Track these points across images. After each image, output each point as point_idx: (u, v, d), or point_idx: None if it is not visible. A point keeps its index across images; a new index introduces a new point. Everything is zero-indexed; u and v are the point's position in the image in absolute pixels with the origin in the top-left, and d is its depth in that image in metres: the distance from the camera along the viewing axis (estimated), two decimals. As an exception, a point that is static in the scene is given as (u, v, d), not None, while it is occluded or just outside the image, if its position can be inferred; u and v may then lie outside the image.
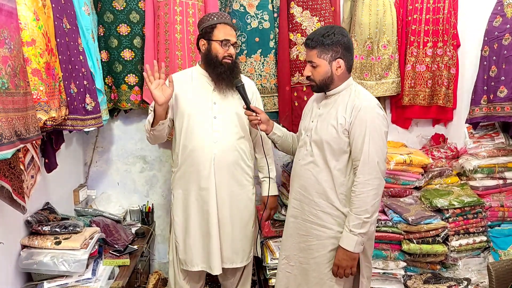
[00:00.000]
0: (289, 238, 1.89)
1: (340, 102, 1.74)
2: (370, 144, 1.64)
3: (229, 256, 2.10)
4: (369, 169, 1.64)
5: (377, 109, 1.70)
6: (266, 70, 2.74)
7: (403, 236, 2.39)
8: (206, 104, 2.04)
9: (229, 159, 2.04)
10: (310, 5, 2.73)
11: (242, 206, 2.11)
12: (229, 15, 2.07)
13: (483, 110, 2.53)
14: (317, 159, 1.76)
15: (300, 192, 1.84)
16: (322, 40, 1.70)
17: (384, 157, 1.69)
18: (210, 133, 2.02)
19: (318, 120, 1.80)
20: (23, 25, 1.52)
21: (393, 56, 2.84)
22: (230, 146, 2.04)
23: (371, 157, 1.64)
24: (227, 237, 2.08)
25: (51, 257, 1.86)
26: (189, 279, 2.18)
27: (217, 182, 2.04)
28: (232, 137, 2.05)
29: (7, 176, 1.52)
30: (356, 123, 1.66)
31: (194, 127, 2.03)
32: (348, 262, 1.69)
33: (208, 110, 2.04)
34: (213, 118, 2.03)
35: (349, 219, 1.67)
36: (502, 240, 2.48)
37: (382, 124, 1.69)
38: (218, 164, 2.03)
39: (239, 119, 2.06)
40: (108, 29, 2.60)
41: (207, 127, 2.02)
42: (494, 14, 2.49)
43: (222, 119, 2.04)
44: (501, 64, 2.41)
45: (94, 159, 2.88)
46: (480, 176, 2.65)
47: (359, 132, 1.66)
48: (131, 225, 2.70)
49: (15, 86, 1.36)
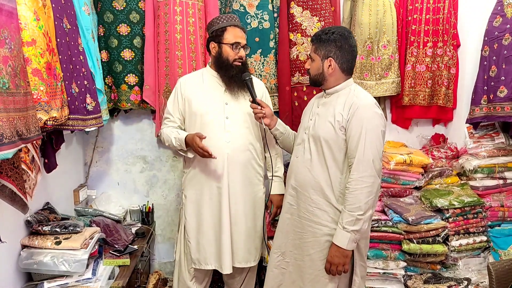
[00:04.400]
0: (285, 234, 1.90)
1: (339, 101, 1.75)
2: (366, 142, 1.65)
3: (243, 255, 2.12)
4: (363, 167, 1.64)
5: (375, 108, 1.71)
6: (266, 70, 2.74)
7: (403, 236, 2.40)
8: (218, 105, 2.07)
9: (241, 159, 2.07)
10: (310, 5, 2.73)
11: (253, 204, 2.14)
12: (238, 17, 2.07)
13: (483, 110, 2.53)
14: (314, 156, 1.77)
15: (296, 189, 1.85)
16: (321, 36, 1.74)
17: (380, 156, 1.69)
18: (222, 133, 2.05)
19: (316, 118, 1.81)
20: (23, 25, 1.52)
21: (393, 56, 2.84)
22: (242, 146, 2.07)
23: (366, 155, 1.64)
24: (240, 236, 2.10)
25: (51, 257, 1.86)
26: (196, 280, 2.19)
27: (230, 182, 2.06)
28: (244, 137, 2.08)
29: (10, 176, 1.53)
30: (353, 120, 1.67)
31: (207, 127, 2.05)
32: (340, 259, 1.69)
33: (220, 111, 2.06)
34: (225, 118, 2.05)
35: (343, 216, 1.68)
36: (502, 240, 2.48)
37: (380, 123, 1.69)
38: (231, 164, 2.05)
39: (251, 120, 2.08)
40: (108, 29, 2.60)
41: (220, 127, 2.05)
42: (494, 14, 2.49)
43: (234, 119, 2.06)
44: (501, 64, 2.41)
45: (94, 159, 2.88)
46: (480, 176, 2.65)
47: (355, 130, 1.66)
48: (131, 225, 2.70)
49: (15, 86, 1.36)
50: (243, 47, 2.04)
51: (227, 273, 2.09)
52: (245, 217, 2.11)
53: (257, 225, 2.16)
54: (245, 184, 2.10)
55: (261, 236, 2.20)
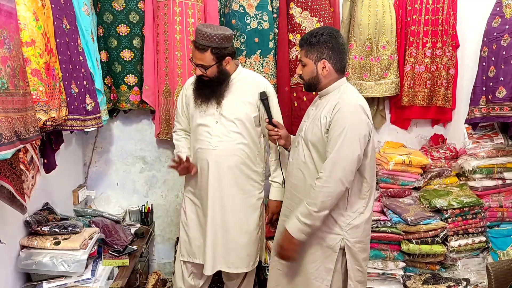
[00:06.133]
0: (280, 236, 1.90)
1: (328, 102, 1.74)
2: (342, 145, 1.62)
3: (233, 261, 2.11)
4: (331, 167, 1.63)
5: (357, 109, 1.67)
6: (266, 70, 2.74)
7: (402, 236, 2.40)
8: (209, 110, 2.07)
9: (229, 164, 2.06)
10: (310, 6, 2.73)
11: (245, 210, 2.11)
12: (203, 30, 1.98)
13: (482, 111, 2.53)
14: (307, 159, 1.78)
15: (291, 191, 1.86)
16: (310, 40, 1.72)
17: (353, 159, 1.62)
18: (210, 138, 2.06)
19: (308, 120, 1.82)
20: (22, 25, 1.52)
21: (392, 56, 2.84)
22: (229, 150, 2.06)
23: (340, 159, 1.62)
24: (228, 242, 2.09)
25: (50, 258, 1.86)
26: (193, 275, 2.22)
27: (214, 186, 2.07)
28: (232, 142, 2.06)
29: (8, 176, 1.52)
30: (334, 122, 1.66)
31: (196, 131, 2.10)
32: (286, 244, 1.73)
33: (211, 115, 2.07)
34: (214, 123, 2.06)
35: (300, 206, 1.70)
36: (501, 241, 2.48)
37: (359, 125, 1.65)
38: (217, 169, 2.05)
39: (241, 125, 2.06)
40: (107, 29, 2.60)
41: (209, 132, 2.06)
42: (493, 15, 2.50)
43: (224, 123, 2.06)
44: (500, 64, 2.41)
45: (93, 160, 2.88)
46: (479, 176, 2.66)
47: (334, 131, 1.65)
48: (131, 226, 2.70)
49: (14, 86, 1.36)
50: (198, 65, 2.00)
51: (208, 274, 2.12)
52: (234, 224, 2.09)
53: (250, 232, 2.13)
54: (233, 189, 2.08)
55: (256, 242, 2.16)
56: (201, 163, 2.08)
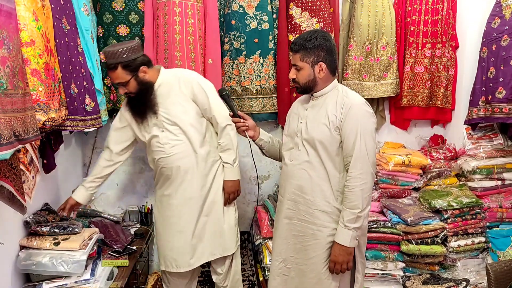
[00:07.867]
0: (284, 240, 1.89)
1: (329, 102, 1.77)
2: (361, 140, 1.70)
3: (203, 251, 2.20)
4: (361, 164, 1.69)
5: (366, 107, 1.76)
6: (265, 71, 2.74)
7: (402, 237, 2.40)
8: (151, 121, 2.14)
9: (188, 165, 2.13)
10: (309, 6, 2.74)
11: (206, 205, 2.19)
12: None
13: (482, 111, 2.53)
14: (312, 159, 1.78)
15: (295, 192, 1.85)
16: (305, 44, 1.73)
17: (374, 152, 1.75)
18: (162, 146, 2.13)
19: (307, 121, 1.81)
20: (22, 25, 1.52)
21: (392, 57, 2.85)
22: (183, 152, 2.13)
23: (362, 153, 1.69)
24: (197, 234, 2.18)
25: (49, 258, 1.86)
26: (178, 275, 2.26)
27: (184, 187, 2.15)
28: (183, 144, 2.12)
29: (8, 177, 1.52)
30: (347, 120, 1.71)
31: (151, 143, 2.17)
32: (344, 257, 1.72)
33: (155, 125, 2.14)
34: (161, 132, 2.13)
35: (343, 214, 1.71)
36: (500, 241, 2.48)
37: (371, 121, 1.75)
38: (180, 171, 2.13)
39: (185, 126, 2.11)
40: (107, 29, 2.60)
41: (159, 141, 2.14)
42: (493, 16, 2.50)
43: (169, 129, 2.12)
44: (499, 65, 2.41)
45: (93, 160, 2.87)
46: (479, 177, 2.65)
47: (350, 129, 1.70)
48: (130, 226, 2.70)
49: (13, 86, 1.36)
50: (119, 83, 2.05)
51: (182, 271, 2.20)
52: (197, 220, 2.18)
53: (217, 220, 2.21)
54: (194, 189, 2.16)
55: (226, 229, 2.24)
56: (165, 171, 2.16)
